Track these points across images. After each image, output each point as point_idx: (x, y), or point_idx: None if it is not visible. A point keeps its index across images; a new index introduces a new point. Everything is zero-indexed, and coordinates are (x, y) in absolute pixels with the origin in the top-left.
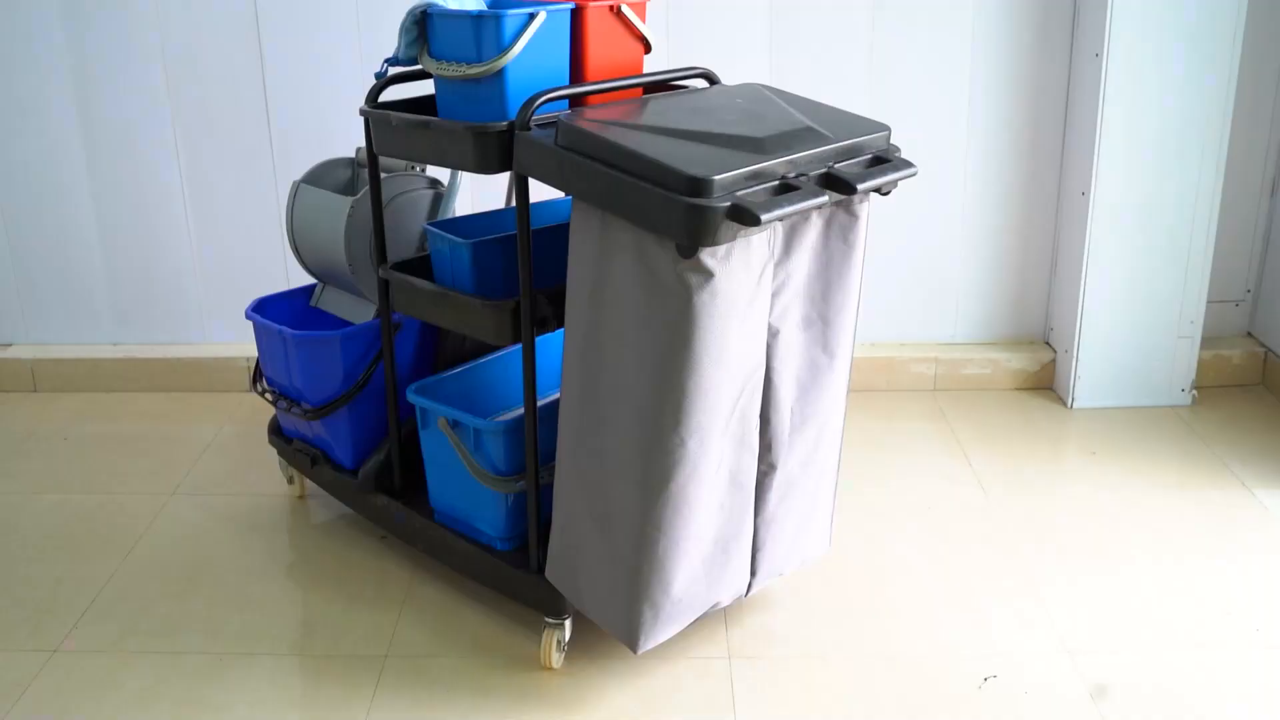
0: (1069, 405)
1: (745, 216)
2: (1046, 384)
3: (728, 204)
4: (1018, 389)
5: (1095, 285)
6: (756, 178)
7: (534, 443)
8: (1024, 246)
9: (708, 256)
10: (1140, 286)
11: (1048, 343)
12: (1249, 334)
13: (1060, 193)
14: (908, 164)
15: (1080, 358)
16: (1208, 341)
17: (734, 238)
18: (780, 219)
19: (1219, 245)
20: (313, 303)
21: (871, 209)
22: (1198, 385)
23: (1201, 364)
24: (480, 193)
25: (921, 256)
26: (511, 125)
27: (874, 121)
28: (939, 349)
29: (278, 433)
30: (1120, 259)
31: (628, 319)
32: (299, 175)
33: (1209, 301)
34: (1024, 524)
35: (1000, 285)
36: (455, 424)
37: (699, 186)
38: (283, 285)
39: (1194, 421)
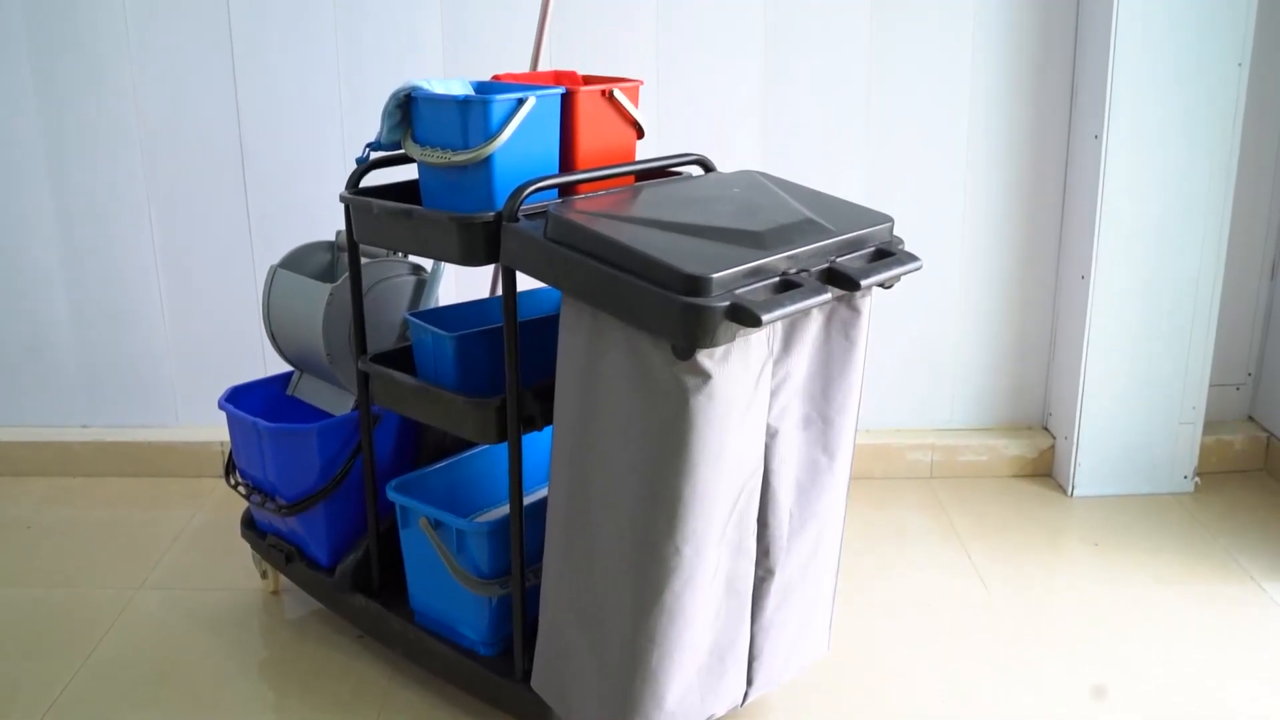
0: (1069, 493)
1: (745, 317)
2: (1045, 470)
3: (727, 303)
4: (1015, 476)
5: (1096, 370)
6: (756, 274)
7: (520, 546)
8: (1021, 331)
9: (705, 357)
10: (1141, 371)
11: (1046, 428)
12: (1250, 418)
13: (1058, 276)
14: (912, 257)
15: (1080, 444)
16: (1208, 426)
17: (733, 338)
18: (782, 319)
19: (1218, 328)
20: (289, 391)
21: (873, 301)
22: (1199, 471)
23: (1203, 449)
24: (464, 280)
25: (917, 341)
26: (498, 216)
27: (876, 212)
28: (935, 435)
29: (251, 526)
30: (1121, 343)
31: (620, 421)
32: (277, 257)
33: (1209, 385)
34: (1026, 621)
35: (997, 370)
36: (437, 524)
37: (696, 285)
38: (259, 369)
39: (1197, 510)
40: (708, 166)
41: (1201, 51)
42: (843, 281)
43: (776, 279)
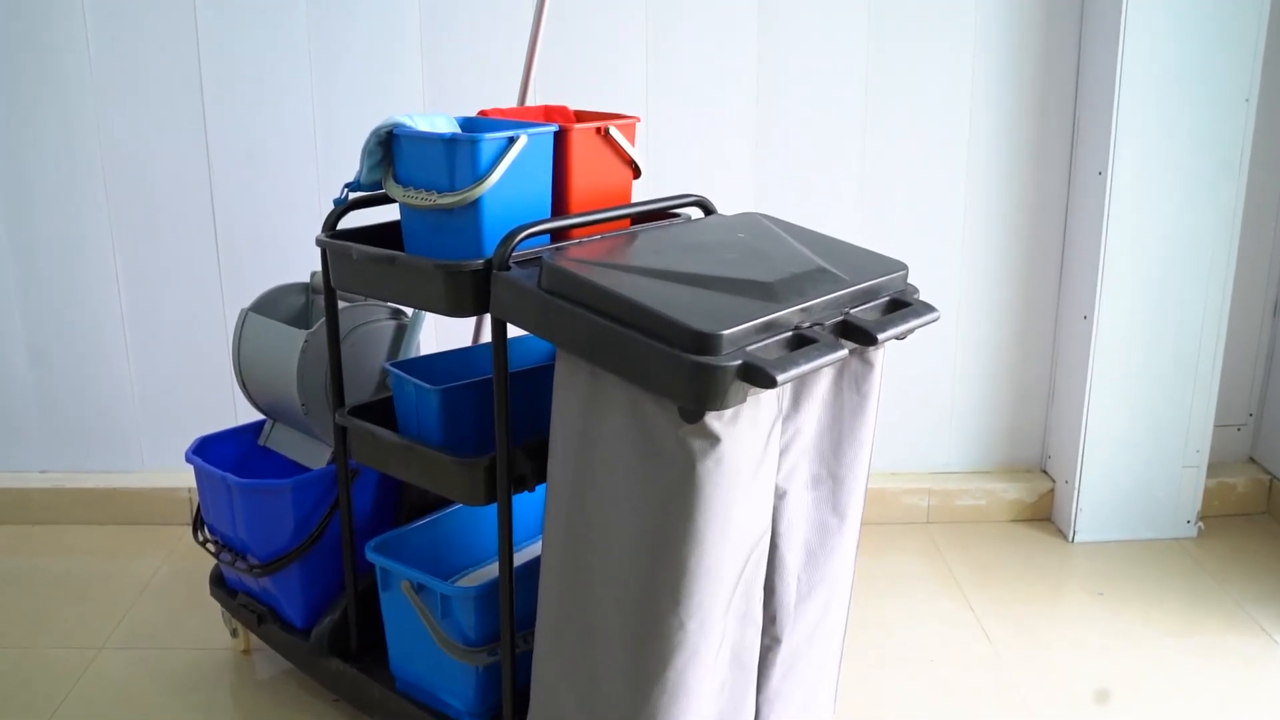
0: (1070, 539)
1: (759, 377)
2: (1044, 515)
3: (739, 362)
4: (1014, 520)
5: (1098, 413)
6: (768, 329)
7: (510, 613)
8: (1020, 371)
9: (714, 420)
10: (1144, 414)
11: (1045, 471)
12: (1251, 459)
13: (1059, 316)
14: (929, 308)
15: (1082, 488)
16: (1210, 468)
17: (743, 399)
18: (798, 378)
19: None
20: (261, 441)
21: (885, 353)
22: (1201, 515)
23: (1205, 492)
24: (444, 324)
25: (913, 382)
26: (488, 263)
27: (889, 259)
28: (931, 479)
29: (220, 584)
30: (1124, 385)
31: (620, 486)
32: (248, 298)
33: None
34: (1034, 677)
35: (995, 412)
36: (420, 587)
37: (706, 343)
38: (229, 410)
39: (1201, 556)
40: (708, 208)
41: (1208, 86)
42: (859, 335)
43: (789, 333)
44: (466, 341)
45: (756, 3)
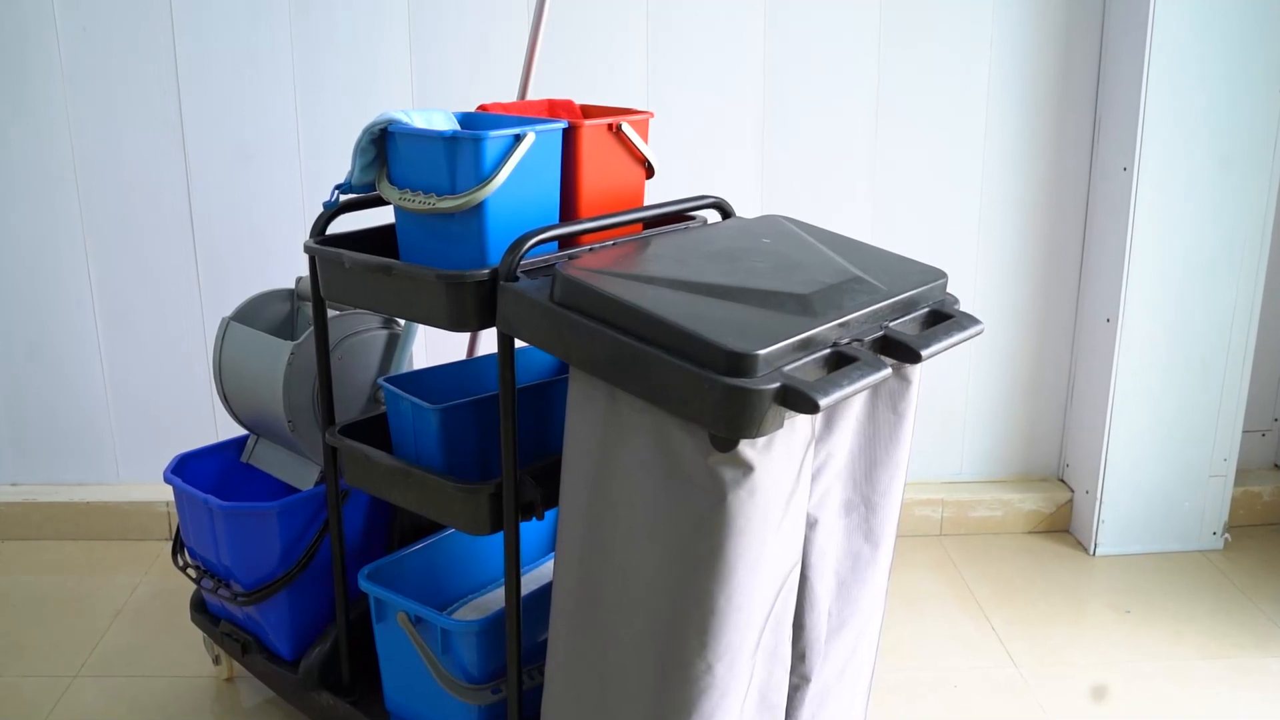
0: (1091, 552)
1: (800, 402)
2: (1062, 526)
3: (776, 385)
4: (1031, 532)
5: (1121, 420)
6: (805, 347)
7: (517, 650)
8: (1036, 377)
9: (747, 447)
10: (1169, 421)
11: (1062, 480)
12: (1277, 466)
13: (1078, 319)
14: (973, 320)
15: (1104, 498)
16: (1235, 476)
17: (780, 425)
18: (841, 401)
19: None
20: (244, 458)
21: (923, 369)
22: (1227, 525)
23: (1230, 501)
24: (434, 334)
25: (925, 387)
26: (494, 273)
27: (927, 266)
28: (945, 489)
29: (202, 610)
30: (1148, 391)
31: (641, 518)
32: (229, 299)
33: None
34: (1065, 705)
35: (1010, 419)
36: (418, 620)
37: (741, 364)
38: (209, 422)
39: (1229, 570)
40: (726, 211)
41: (1239, 76)
42: (901, 352)
43: (827, 350)
44: (458, 351)
45: None
